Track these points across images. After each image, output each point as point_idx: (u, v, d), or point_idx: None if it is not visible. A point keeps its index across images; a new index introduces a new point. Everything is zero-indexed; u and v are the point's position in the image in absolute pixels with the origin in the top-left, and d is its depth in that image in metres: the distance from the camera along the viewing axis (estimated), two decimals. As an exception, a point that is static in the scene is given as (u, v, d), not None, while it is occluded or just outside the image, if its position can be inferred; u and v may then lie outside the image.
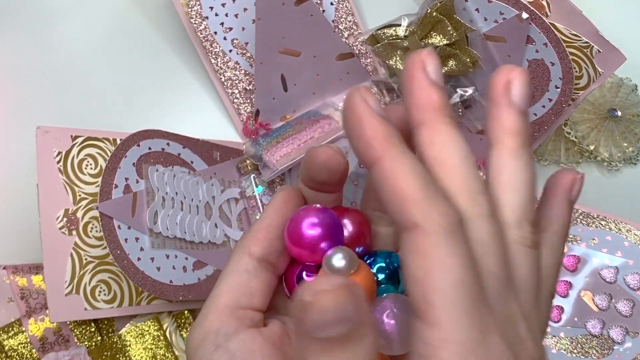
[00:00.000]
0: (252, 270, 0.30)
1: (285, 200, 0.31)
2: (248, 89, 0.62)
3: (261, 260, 0.30)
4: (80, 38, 0.65)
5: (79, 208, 0.52)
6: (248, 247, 0.30)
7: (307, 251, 0.29)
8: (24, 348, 0.54)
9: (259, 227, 0.31)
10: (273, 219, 0.31)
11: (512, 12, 0.52)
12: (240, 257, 0.30)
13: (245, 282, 0.30)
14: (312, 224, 0.29)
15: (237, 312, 0.30)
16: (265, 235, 0.30)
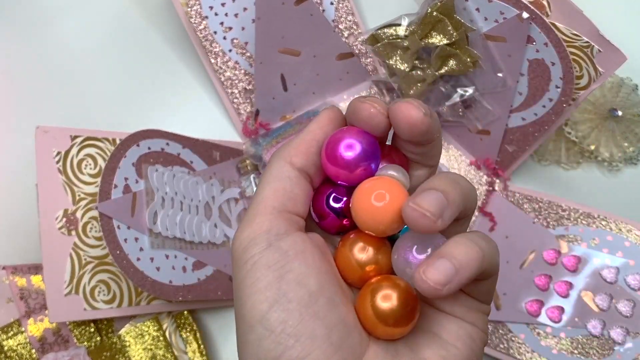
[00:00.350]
0: (293, 178, 0.31)
1: (331, 119, 0.32)
2: (248, 88, 0.62)
3: (301, 171, 0.31)
4: (79, 38, 0.65)
5: (78, 208, 0.52)
6: (289, 157, 0.31)
7: (344, 170, 0.30)
8: (24, 348, 0.54)
9: (301, 140, 0.31)
10: (316, 134, 0.31)
11: (512, 11, 0.52)
12: (282, 165, 0.31)
13: (289, 187, 0.31)
14: (352, 145, 0.30)
15: (285, 215, 0.30)
16: (307, 148, 0.31)
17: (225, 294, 0.56)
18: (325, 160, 0.31)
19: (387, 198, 0.29)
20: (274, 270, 0.29)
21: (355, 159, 0.30)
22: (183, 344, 0.57)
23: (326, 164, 0.31)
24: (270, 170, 0.31)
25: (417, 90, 0.57)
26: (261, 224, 0.30)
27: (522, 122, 0.57)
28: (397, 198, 0.29)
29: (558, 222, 0.57)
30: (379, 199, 0.29)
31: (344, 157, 0.30)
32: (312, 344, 0.28)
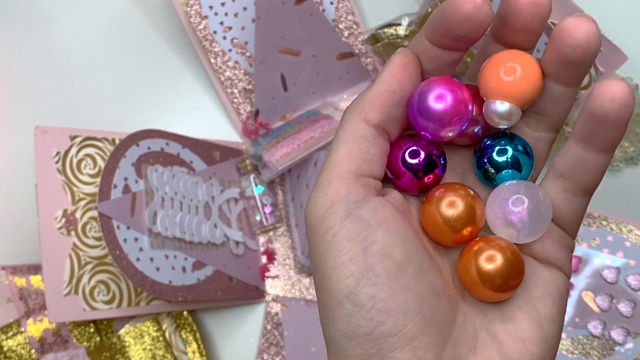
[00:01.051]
0: (369, 137, 0.29)
1: (404, 65, 0.29)
2: (248, 88, 0.62)
3: (378, 127, 0.29)
4: (79, 37, 0.65)
5: (77, 208, 0.52)
6: (364, 112, 0.29)
7: (436, 125, 0.28)
8: (23, 349, 0.54)
9: (376, 92, 0.29)
10: (390, 84, 0.29)
11: (512, 11, 0.52)
12: (357, 122, 0.29)
13: (364, 148, 0.29)
14: (444, 96, 0.28)
15: (361, 179, 0.29)
16: (383, 102, 0.29)
17: (225, 294, 0.56)
18: (416, 115, 0.29)
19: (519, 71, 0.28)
20: (357, 242, 0.27)
21: (451, 112, 0.28)
22: (183, 344, 0.57)
23: (416, 118, 0.29)
24: (345, 128, 0.29)
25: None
26: (338, 190, 0.28)
27: (522, 122, 0.57)
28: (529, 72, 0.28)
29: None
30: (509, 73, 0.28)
31: (437, 110, 0.28)
32: (404, 318, 0.27)
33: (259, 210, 0.60)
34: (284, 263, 0.61)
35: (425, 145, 0.30)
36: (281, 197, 0.62)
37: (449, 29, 0.28)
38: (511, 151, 0.30)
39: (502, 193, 0.29)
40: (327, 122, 0.59)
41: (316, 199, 0.29)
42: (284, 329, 0.58)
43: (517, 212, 0.29)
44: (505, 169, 0.30)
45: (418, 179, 0.30)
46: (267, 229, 0.61)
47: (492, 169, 0.30)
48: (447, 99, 0.28)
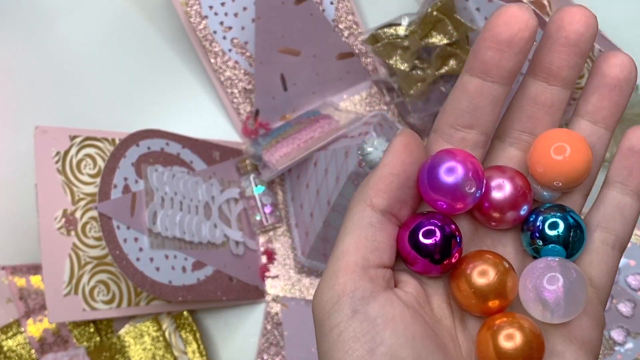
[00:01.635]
0: (376, 224, 0.28)
1: (405, 145, 0.29)
2: (248, 88, 0.62)
3: (385, 212, 0.28)
4: (78, 38, 0.65)
5: (77, 208, 0.52)
6: (369, 198, 0.28)
7: (448, 198, 0.28)
8: (23, 349, 0.54)
9: (380, 176, 0.28)
10: (393, 167, 0.28)
11: (512, 11, 0.52)
12: (362, 209, 0.28)
13: (372, 236, 0.28)
14: (453, 168, 0.27)
15: (369, 272, 0.28)
16: (387, 185, 0.28)
17: (225, 294, 0.56)
18: (428, 190, 0.28)
19: (568, 151, 0.28)
20: (363, 342, 0.26)
21: (463, 183, 0.27)
22: (183, 344, 0.57)
23: (428, 194, 0.28)
24: (351, 216, 0.29)
25: (418, 90, 0.57)
26: (344, 284, 0.27)
27: (522, 122, 0.57)
28: (579, 150, 0.28)
29: None
30: (559, 152, 0.28)
31: (449, 183, 0.27)
32: None
33: (259, 210, 0.60)
34: (284, 263, 0.61)
35: (439, 222, 0.28)
36: (281, 197, 0.62)
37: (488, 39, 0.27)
38: (563, 225, 0.29)
39: (536, 269, 0.28)
40: (327, 122, 0.59)
41: (322, 293, 0.28)
42: (284, 329, 0.58)
43: (551, 291, 0.27)
44: (554, 243, 0.29)
45: (436, 263, 0.28)
46: (267, 229, 0.61)
47: (541, 241, 0.29)
48: (457, 170, 0.27)
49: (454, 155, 0.28)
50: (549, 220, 0.29)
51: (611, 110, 0.30)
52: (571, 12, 0.27)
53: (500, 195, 0.29)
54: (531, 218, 0.29)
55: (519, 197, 0.29)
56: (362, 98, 0.63)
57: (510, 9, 0.27)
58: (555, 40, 0.28)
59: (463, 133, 0.29)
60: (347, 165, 0.51)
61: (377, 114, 0.57)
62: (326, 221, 0.54)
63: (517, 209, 0.29)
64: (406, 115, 0.61)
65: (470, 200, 0.28)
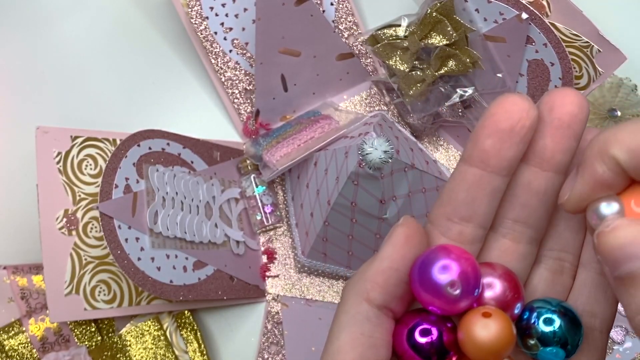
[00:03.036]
0: (373, 319, 0.27)
1: (407, 237, 0.27)
2: (248, 89, 0.62)
3: (381, 307, 0.27)
4: (80, 38, 0.65)
5: (78, 208, 0.52)
6: (366, 292, 0.27)
7: (441, 300, 0.26)
8: (25, 348, 0.54)
9: (378, 269, 0.27)
10: (393, 261, 0.27)
11: (512, 12, 0.52)
12: (359, 303, 0.27)
13: (368, 332, 0.27)
14: (447, 267, 0.25)
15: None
16: (385, 280, 0.27)
17: (226, 293, 0.56)
18: (419, 289, 0.26)
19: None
20: None
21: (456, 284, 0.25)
22: (184, 344, 0.57)
23: (419, 293, 0.26)
24: (345, 309, 0.27)
25: (417, 90, 0.57)
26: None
27: (521, 122, 0.57)
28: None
29: None
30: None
31: (440, 282, 0.25)
32: None
33: (260, 210, 0.60)
34: (284, 263, 0.61)
35: (436, 320, 0.27)
36: (281, 197, 0.62)
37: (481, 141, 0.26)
38: (560, 321, 0.27)
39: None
40: (327, 122, 0.59)
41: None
42: (284, 328, 0.59)
43: None
44: (550, 344, 0.27)
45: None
46: (267, 228, 0.61)
47: (538, 341, 0.27)
48: (452, 270, 0.25)
49: (447, 254, 0.26)
50: (543, 317, 0.27)
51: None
52: (562, 94, 0.26)
53: (492, 294, 0.27)
54: (525, 315, 0.28)
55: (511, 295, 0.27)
56: (362, 98, 0.64)
57: (511, 97, 0.26)
58: (547, 122, 0.26)
59: (460, 226, 0.27)
60: (347, 165, 0.51)
61: (377, 114, 0.57)
62: (326, 221, 0.55)
63: (511, 309, 0.27)
64: (406, 115, 0.61)
65: (465, 304, 0.26)
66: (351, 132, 0.56)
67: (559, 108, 0.26)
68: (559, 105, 0.26)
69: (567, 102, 0.26)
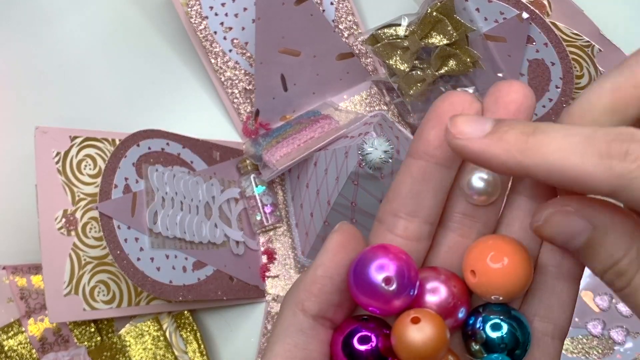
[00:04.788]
0: (308, 330, 0.26)
1: (342, 244, 0.26)
2: (248, 88, 0.62)
3: (317, 317, 0.26)
4: (79, 38, 0.65)
5: (77, 208, 0.52)
6: (301, 302, 0.26)
7: (377, 299, 0.25)
8: (24, 348, 0.54)
9: (312, 278, 0.26)
10: (327, 269, 0.26)
11: (512, 12, 0.52)
12: (293, 314, 0.26)
13: (302, 345, 0.26)
14: (382, 265, 0.25)
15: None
16: (320, 289, 0.26)
17: (226, 293, 0.56)
18: (356, 292, 0.25)
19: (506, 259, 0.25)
20: None
21: (393, 283, 0.25)
22: (183, 344, 0.57)
23: (357, 296, 0.25)
24: (281, 321, 0.26)
25: (417, 90, 0.57)
26: None
27: (522, 122, 0.57)
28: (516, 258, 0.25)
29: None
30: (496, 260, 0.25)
31: (377, 283, 0.25)
32: None
33: (259, 210, 0.60)
34: (284, 263, 0.61)
35: (373, 327, 0.26)
36: (281, 197, 0.62)
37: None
38: (508, 327, 0.26)
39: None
40: (327, 122, 0.59)
41: None
42: (284, 329, 0.59)
43: None
44: (496, 350, 0.26)
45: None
46: (267, 228, 0.61)
47: (483, 347, 0.26)
48: (387, 267, 0.25)
49: (382, 253, 0.25)
50: (490, 322, 0.26)
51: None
52: (507, 84, 0.26)
53: (435, 300, 0.26)
54: (470, 320, 0.27)
55: (455, 301, 0.26)
56: (362, 98, 0.63)
57: (455, 92, 0.26)
58: (494, 112, 0.26)
59: (406, 222, 0.27)
60: (347, 165, 0.51)
61: (377, 114, 0.57)
62: (326, 221, 0.54)
63: (454, 314, 0.26)
64: (406, 115, 0.61)
65: (401, 303, 0.25)
66: (351, 132, 0.56)
67: (503, 98, 0.26)
68: (504, 95, 0.26)
69: (512, 91, 0.26)
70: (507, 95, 0.26)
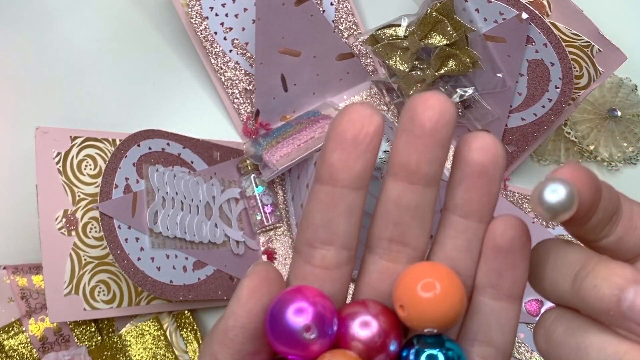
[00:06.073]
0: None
1: (252, 290, 0.25)
2: (248, 89, 0.62)
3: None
4: (79, 38, 0.65)
5: (78, 208, 0.52)
6: (214, 354, 0.25)
7: (297, 348, 0.24)
8: (24, 348, 0.54)
9: (224, 328, 0.25)
10: (238, 318, 0.24)
11: (512, 12, 0.52)
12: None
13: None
14: (300, 310, 0.24)
15: None
16: (231, 339, 0.25)
17: (226, 293, 0.56)
18: (272, 339, 0.24)
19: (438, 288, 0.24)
20: None
21: (313, 334, 0.24)
22: (184, 344, 0.57)
23: (273, 343, 0.24)
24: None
25: (417, 90, 0.57)
26: None
27: (521, 122, 0.57)
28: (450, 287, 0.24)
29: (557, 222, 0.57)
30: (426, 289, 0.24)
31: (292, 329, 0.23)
32: None
33: (260, 210, 0.60)
34: (284, 263, 0.61)
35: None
36: (281, 197, 0.62)
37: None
38: (442, 357, 0.25)
39: None
40: (327, 122, 0.59)
41: None
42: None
43: None
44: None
45: None
46: (267, 228, 0.61)
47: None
48: (307, 316, 0.24)
49: (298, 298, 0.24)
50: (424, 355, 0.25)
51: (482, 201, 0.26)
52: (423, 99, 0.24)
53: (365, 334, 0.25)
54: (404, 353, 0.25)
55: (385, 336, 0.25)
56: (362, 98, 0.64)
57: (353, 106, 0.24)
58: (410, 131, 0.24)
59: (323, 251, 0.25)
60: (347, 166, 0.51)
61: (377, 114, 0.57)
62: (326, 221, 0.54)
63: (385, 349, 0.25)
64: (406, 115, 0.61)
65: (320, 346, 0.24)
66: (351, 132, 0.56)
67: (419, 115, 0.24)
68: (419, 113, 0.24)
69: (428, 106, 0.24)
70: (423, 113, 0.24)
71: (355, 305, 0.25)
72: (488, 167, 0.25)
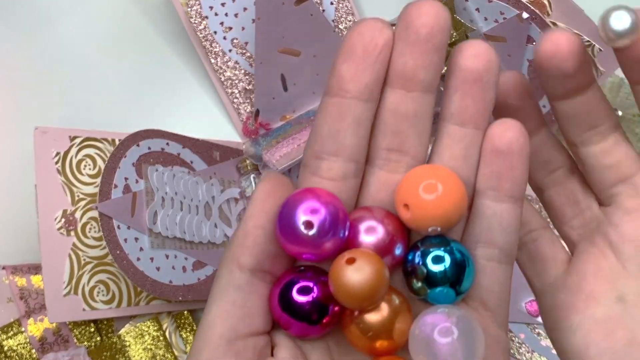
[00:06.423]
0: (245, 286, 0.25)
1: (268, 192, 0.25)
2: (248, 88, 0.62)
3: (255, 271, 0.25)
4: (78, 38, 0.65)
5: (77, 209, 0.52)
6: (236, 257, 0.25)
7: (300, 244, 0.24)
8: (23, 348, 0.54)
9: (244, 231, 0.25)
10: (257, 220, 0.25)
11: (512, 11, 0.52)
12: (230, 271, 0.25)
13: (240, 302, 0.24)
14: (310, 210, 0.24)
15: (236, 345, 0.24)
16: (253, 241, 0.25)
17: (225, 294, 0.56)
18: (284, 242, 0.24)
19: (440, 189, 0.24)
20: None
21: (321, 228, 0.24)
22: (183, 344, 0.57)
23: (285, 245, 0.24)
24: (218, 280, 0.25)
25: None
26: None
27: (522, 122, 0.57)
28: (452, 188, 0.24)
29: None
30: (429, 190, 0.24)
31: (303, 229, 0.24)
32: None
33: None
34: (284, 263, 0.61)
35: (312, 275, 0.25)
36: (281, 197, 0.62)
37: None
38: (449, 259, 0.25)
39: (426, 320, 0.24)
40: (327, 122, 0.59)
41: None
42: (284, 329, 0.58)
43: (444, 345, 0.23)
44: (438, 284, 0.25)
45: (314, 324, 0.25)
46: (267, 229, 0.61)
47: (425, 283, 0.25)
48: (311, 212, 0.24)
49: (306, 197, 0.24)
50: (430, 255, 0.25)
51: (477, 108, 0.26)
52: (418, 5, 0.24)
53: (371, 239, 0.25)
54: (410, 256, 0.26)
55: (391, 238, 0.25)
56: (362, 98, 0.63)
57: (364, 20, 0.25)
58: (405, 39, 0.25)
59: (328, 162, 0.25)
60: (347, 166, 0.51)
61: (377, 114, 0.57)
62: (326, 221, 0.54)
63: (391, 252, 0.25)
64: (406, 115, 0.61)
65: (331, 246, 0.24)
66: (351, 132, 0.56)
67: (414, 22, 0.24)
68: (414, 19, 0.24)
69: (423, 13, 0.24)
70: (418, 19, 0.24)
71: (360, 211, 0.26)
72: (482, 73, 0.26)
